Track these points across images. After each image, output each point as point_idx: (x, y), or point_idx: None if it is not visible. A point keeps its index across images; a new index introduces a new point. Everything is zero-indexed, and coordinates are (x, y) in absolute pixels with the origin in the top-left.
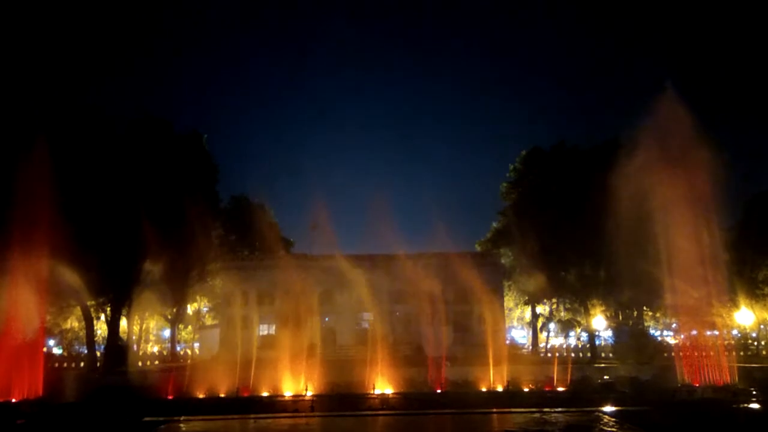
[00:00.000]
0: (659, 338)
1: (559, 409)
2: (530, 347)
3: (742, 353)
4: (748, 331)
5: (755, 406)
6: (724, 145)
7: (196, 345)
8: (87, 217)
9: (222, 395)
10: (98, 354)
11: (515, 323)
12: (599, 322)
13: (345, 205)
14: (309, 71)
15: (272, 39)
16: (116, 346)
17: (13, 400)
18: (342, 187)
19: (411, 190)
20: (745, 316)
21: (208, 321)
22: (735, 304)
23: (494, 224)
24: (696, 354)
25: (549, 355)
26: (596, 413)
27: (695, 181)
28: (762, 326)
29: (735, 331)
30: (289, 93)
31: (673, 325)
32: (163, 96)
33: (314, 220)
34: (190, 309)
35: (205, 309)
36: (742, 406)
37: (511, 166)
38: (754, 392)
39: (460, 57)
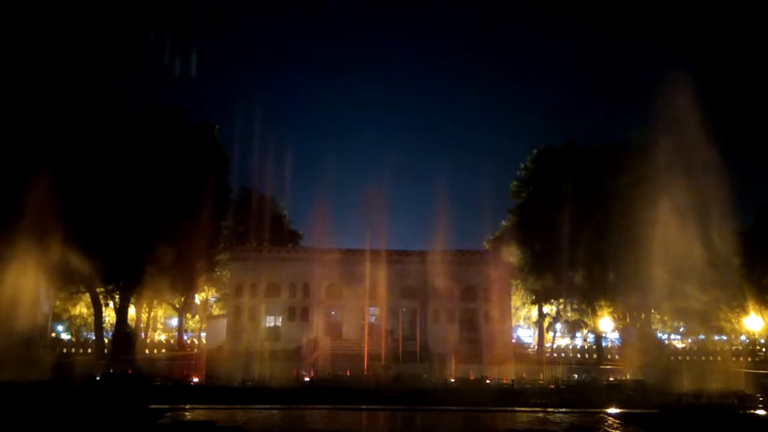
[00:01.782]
0: (666, 342)
1: (564, 410)
2: (536, 347)
3: (749, 359)
4: (756, 337)
5: (762, 412)
6: (737, 149)
7: (203, 335)
8: (98, 203)
9: (228, 384)
10: (106, 340)
11: (522, 322)
12: (606, 324)
13: (354, 200)
14: (323, 67)
15: (289, 31)
16: (124, 333)
17: (21, 383)
18: (351, 183)
19: (420, 188)
20: (753, 322)
21: (216, 311)
22: (744, 310)
23: (503, 222)
24: (703, 359)
25: (555, 355)
26: (600, 415)
27: (707, 185)
28: None
29: (743, 337)
30: (305, 89)
31: (681, 329)
32: (178, 89)
33: (323, 214)
34: (198, 299)
35: (213, 299)
36: (748, 412)
37: (522, 165)
38: (761, 398)
39: (471, 54)
